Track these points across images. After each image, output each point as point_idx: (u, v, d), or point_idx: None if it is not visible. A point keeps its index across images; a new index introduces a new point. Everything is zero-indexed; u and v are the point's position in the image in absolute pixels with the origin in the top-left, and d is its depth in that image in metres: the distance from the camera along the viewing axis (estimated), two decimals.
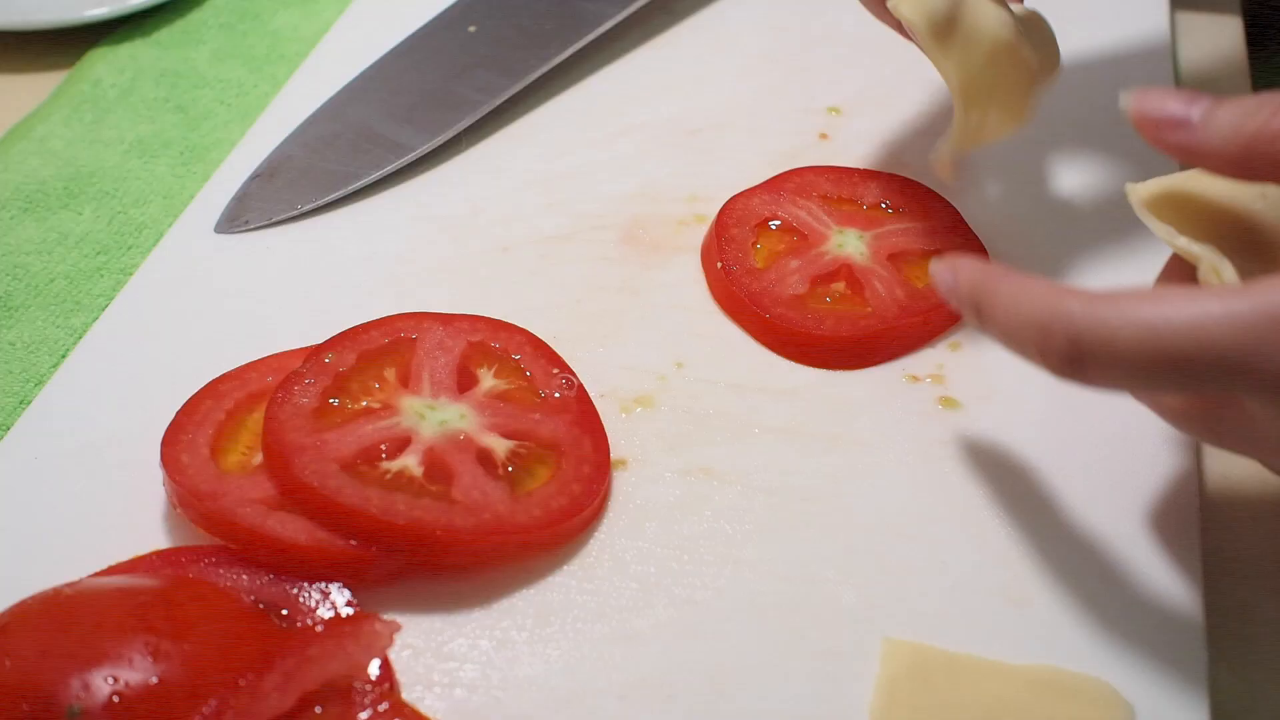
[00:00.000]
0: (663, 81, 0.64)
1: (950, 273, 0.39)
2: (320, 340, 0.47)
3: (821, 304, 0.50)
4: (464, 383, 0.46)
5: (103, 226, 0.58)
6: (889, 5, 0.47)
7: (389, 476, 0.42)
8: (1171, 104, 0.38)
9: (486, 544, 0.41)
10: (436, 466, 0.43)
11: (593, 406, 0.46)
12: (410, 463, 0.43)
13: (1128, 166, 0.57)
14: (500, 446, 0.44)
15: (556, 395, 0.46)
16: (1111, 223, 0.54)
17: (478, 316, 0.49)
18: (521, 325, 0.50)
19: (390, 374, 0.46)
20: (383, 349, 0.47)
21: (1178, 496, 0.44)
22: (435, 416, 0.44)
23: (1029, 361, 0.36)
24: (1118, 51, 0.64)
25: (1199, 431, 0.39)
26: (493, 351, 0.48)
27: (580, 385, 0.47)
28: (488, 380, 0.47)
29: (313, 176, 0.58)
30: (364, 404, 0.45)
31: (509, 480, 0.43)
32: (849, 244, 0.52)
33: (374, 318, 0.49)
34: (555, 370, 0.47)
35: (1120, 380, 0.35)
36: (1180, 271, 0.41)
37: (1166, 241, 0.40)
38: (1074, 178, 0.57)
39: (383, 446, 0.43)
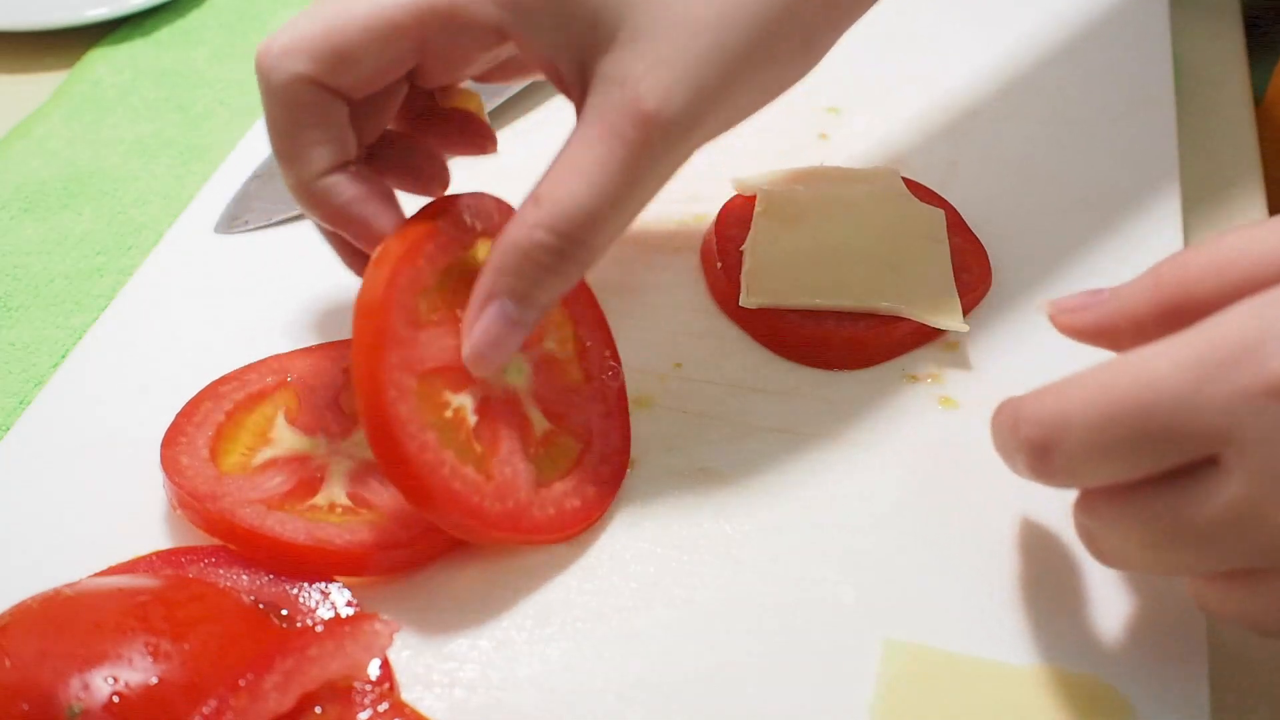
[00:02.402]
0: None
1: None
2: (320, 341, 0.48)
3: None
4: (536, 332, 0.44)
5: (103, 226, 0.58)
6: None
7: (449, 413, 0.40)
8: (1078, 296, 0.38)
9: (501, 534, 0.41)
10: (488, 422, 0.41)
11: (626, 405, 0.46)
12: (467, 405, 0.41)
13: (1127, 166, 0.57)
14: (538, 422, 0.43)
15: (604, 378, 0.46)
16: (1112, 221, 0.54)
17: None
18: None
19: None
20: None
21: None
22: None
23: (1024, 476, 0.36)
24: (1118, 51, 0.64)
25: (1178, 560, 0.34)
26: (562, 311, 0.46)
27: (623, 383, 0.46)
28: (550, 341, 0.45)
29: None
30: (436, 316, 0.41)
31: (536, 463, 0.42)
32: None
33: None
34: (608, 353, 0.47)
35: (1087, 456, 0.33)
36: None
37: None
38: (1073, 177, 0.57)
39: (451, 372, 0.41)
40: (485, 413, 0.42)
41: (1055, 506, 0.44)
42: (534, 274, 0.40)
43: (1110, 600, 0.41)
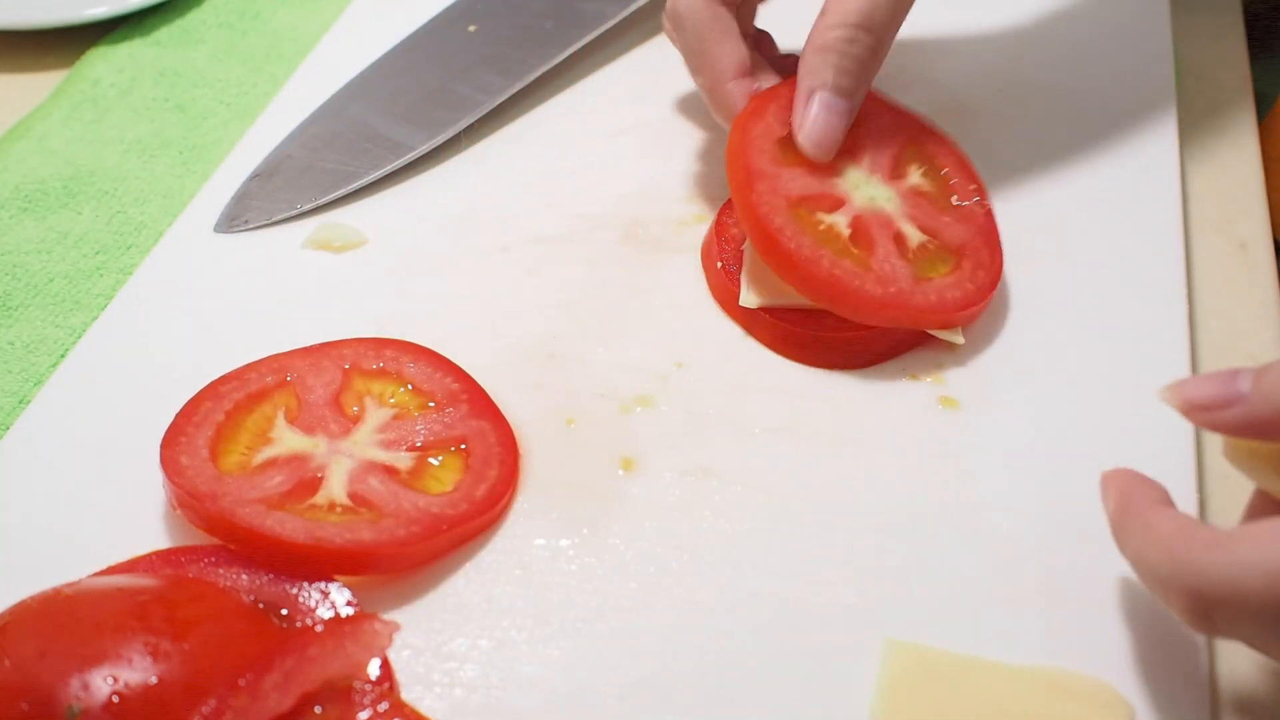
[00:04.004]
0: (663, 81, 0.64)
1: (1103, 491, 0.39)
2: (320, 341, 0.48)
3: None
4: (897, 171, 0.52)
5: (102, 226, 0.58)
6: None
7: (822, 227, 0.48)
8: (1211, 387, 0.36)
9: (887, 315, 0.47)
10: (861, 233, 0.49)
11: (996, 227, 0.51)
12: (840, 222, 0.49)
13: (1127, 165, 0.57)
14: (912, 234, 0.49)
15: (972, 204, 0.51)
16: (1111, 221, 0.54)
17: (911, 116, 0.54)
18: (521, 325, 0.50)
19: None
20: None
21: (1177, 496, 0.43)
22: (868, 190, 0.50)
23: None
24: (1118, 52, 0.64)
25: None
26: (924, 152, 0.53)
27: (990, 208, 0.51)
28: (915, 176, 0.52)
29: (312, 176, 0.58)
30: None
31: (914, 265, 0.48)
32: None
33: (373, 317, 0.48)
34: (972, 186, 0.52)
35: (1254, 630, 0.33)
36: (1266, 504, 0.39)
37: (1264, 486, 0.38)
38: (1074, 177, 0.57)
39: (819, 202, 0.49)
40: (858, 227, 0.49)
41: (1056, 507, 0.44)
42: (838, 63, 0.49)
43: (1110, 600, 0.41)
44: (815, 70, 0.49)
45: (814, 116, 0.49)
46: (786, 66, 0.55)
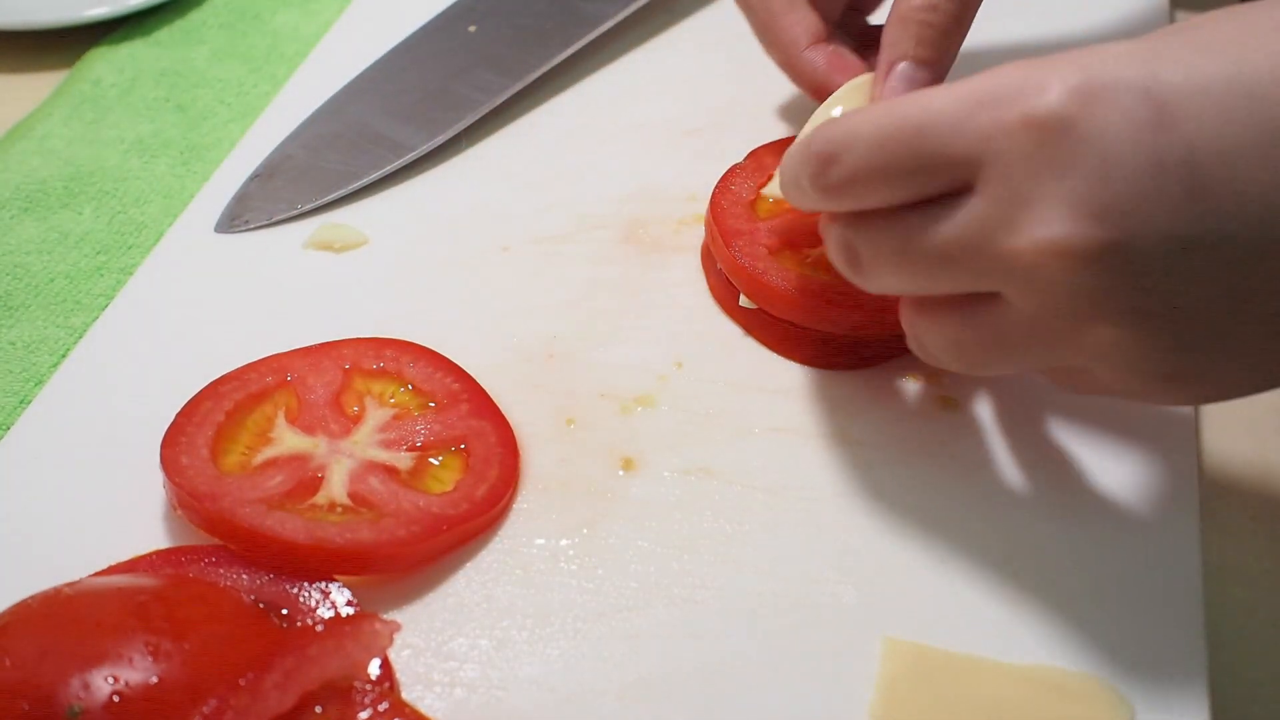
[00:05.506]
0: (663, 81, 0.64)
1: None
2: (320, 341, 0.48)
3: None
4: None
5: (103, 226, 0.58)
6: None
7: (810, 260, 0.50)
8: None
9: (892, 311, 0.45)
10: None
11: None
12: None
13: None
14: None
15: None
16: None
17: None
18: (521, 325, 0.50)
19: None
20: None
21: (1177, 496, 0.44)
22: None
23: (807, 199, 0.39)
24: None
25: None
26: None
27: None
28: None
29: (313, 176, 0.58)
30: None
31: None
32: None
33: (373, 317, 0.48)
34: None
35: (865, 170, 0.36)
36: None
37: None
38: None
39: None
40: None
41: (1056, 507, 0.44)
42: (919, 34, 0.47)
43: (1110, 600, 0.41)
44: (896, 42, 0.48)
45: (891, 89, 0.48)
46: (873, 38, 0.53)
